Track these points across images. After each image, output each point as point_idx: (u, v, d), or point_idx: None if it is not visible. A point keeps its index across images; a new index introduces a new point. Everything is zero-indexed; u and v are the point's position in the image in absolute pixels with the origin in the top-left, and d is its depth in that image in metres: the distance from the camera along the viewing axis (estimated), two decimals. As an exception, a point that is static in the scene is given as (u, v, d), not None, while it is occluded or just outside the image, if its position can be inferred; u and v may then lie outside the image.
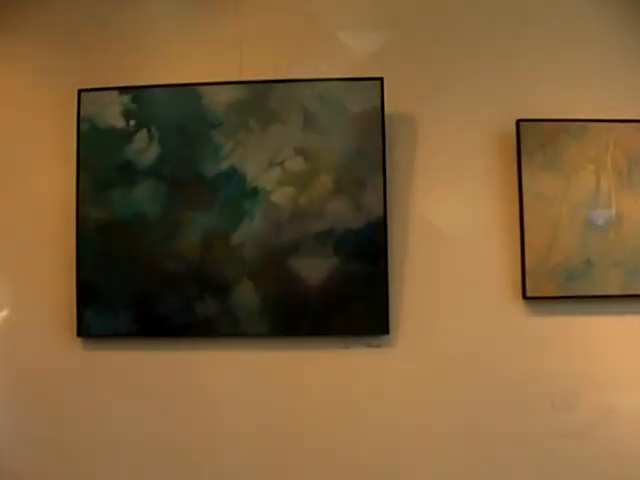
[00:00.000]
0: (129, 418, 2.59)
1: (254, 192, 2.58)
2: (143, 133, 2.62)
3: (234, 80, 2.64)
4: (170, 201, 2.60)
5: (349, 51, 2.67)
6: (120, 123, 2.64)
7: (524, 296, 2.53)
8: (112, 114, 2.64)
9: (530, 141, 2.55)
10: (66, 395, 2.63)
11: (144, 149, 2.62)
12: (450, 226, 2.60)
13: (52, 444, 2.62)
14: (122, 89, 2.65)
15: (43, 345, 2.65)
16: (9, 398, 2.65)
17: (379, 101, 2.57)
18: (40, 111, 2.75)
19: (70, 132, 2.68)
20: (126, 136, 2.63)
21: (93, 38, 2.74)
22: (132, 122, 2.63)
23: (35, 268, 2.68)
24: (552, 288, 2.52)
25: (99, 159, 2.64)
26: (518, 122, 2.58)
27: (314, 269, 2.53)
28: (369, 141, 2.56)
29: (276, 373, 2.57)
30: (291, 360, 2.57)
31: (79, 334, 2.61)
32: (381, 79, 2.58)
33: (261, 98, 2.60)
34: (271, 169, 2.58)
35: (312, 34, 2.69)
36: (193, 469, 2.55)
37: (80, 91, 2.66)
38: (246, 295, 2.55)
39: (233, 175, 2.59)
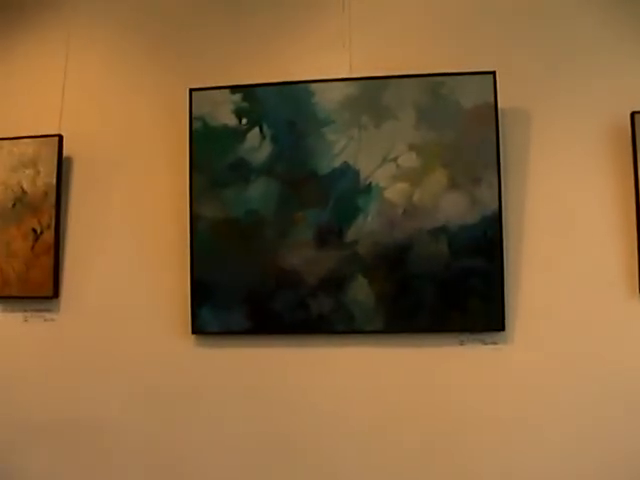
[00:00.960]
0: (241, 415, 2.64)
1: (368, 189, 2.60)
2: (255, 131, 2.67)
3: (344, 77, 2.65)
4: (283, 199, 2.64)
5: (460, 45, 2.66)
6: (232, 122, 2.69)
7: (644, 292, 2.52)
8: (224, 113, 2.70)
9: (647, 133, 2.53)
10: (180, 392, 2.68)
11: (257, 147, 2.66)
12: (565, 220, 2.59)
13: (164, 440, 2.68)
14: (233, 88, 2.70)
15: (158, 342, 2.70)
16: (124, 393, 2.71)
17: (492, 95, 2.57)
18: (153, 111, 2.82)
19: (182, 131, 2.72)
20: (239, 134, 2.68)
21: (203, 38, 2.77)
22: (244, 120, 2.68)
23: (151, 267, 2.75)
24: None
25: (212, 158, 2.69)
26: (633, 114, 2.56)
27: (429, 266, 2.55)
28: (483, 136, 2.56)
29: (391, 370, 2.59)
30: (406, 357, 2.59)
31: (194, 331, 2.66)
32: (493, 73, 2.57)
33: (373, 95, 2.63)
34: (385, 165, 2.60)
35: (423, 29, 2.69)
36: (309, 467, 2.59)
37: (192, 90, 2.71)
38: (361, 292, 2.58)
39: (346, 172, 2.62)
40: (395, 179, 2.60)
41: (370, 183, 2.61)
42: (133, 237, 2.79)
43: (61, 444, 2.76)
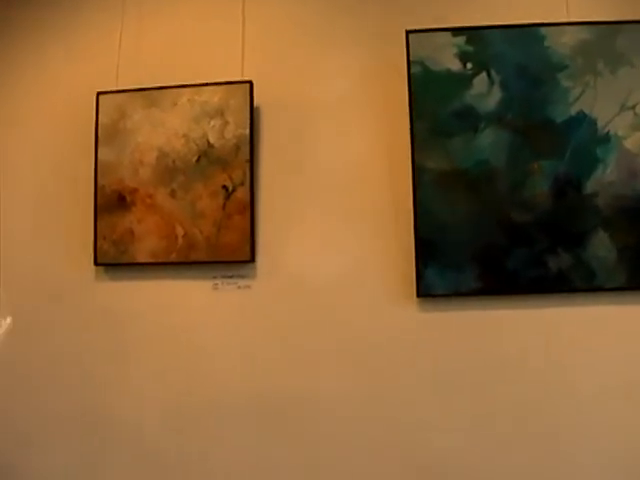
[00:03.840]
0: (472, 384, 2.55)
1: (606, 138, 2.58)
2: (482, 77, 2.60)
3: (576, 21, 2.61)
4: (516, 148, 2.58)
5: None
6: (456, 66, 2.62)
7: None
8: (446, 56, 2.62)
9: None
10: (402, 358, 2.59)
11: (485, 94, 2.60)
12: None
13: (386, 412, 2.58)
14: (455, 30, 2.62)
15: (376, 308, 2.61)
16: (338, 365, 2.60)
17: None
18: (357, 53, 2.74)
19: (394, 75, 2.63)
20: (464, 80, 2.61)
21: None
22: (469, 65, 2.61)
23: (362, 225, 2.67)
24: None
25: (434, 105, 2.61)
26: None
27: (672, 217, 2.53)
28: None
29: (635, 329, 2.55)
30: (650, 315, 2.56)
31: (419, 294, 2.57)
32: None
33: (608, 40, 2.60)
34: (622, 114, 2.58)
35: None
36: (547, 435, 2.52)
37: (408, 32, 2.62)
38: (601, 246, 2.55)
39: (583, 121, 2.58)
40: (634, 128, 2.57)
41: (608, 132, 2.58)
42: (338, 192, 2.68)
43: (267, 420, 2.62)
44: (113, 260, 2.75)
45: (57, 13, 2.99)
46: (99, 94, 2.82)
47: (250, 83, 2.71)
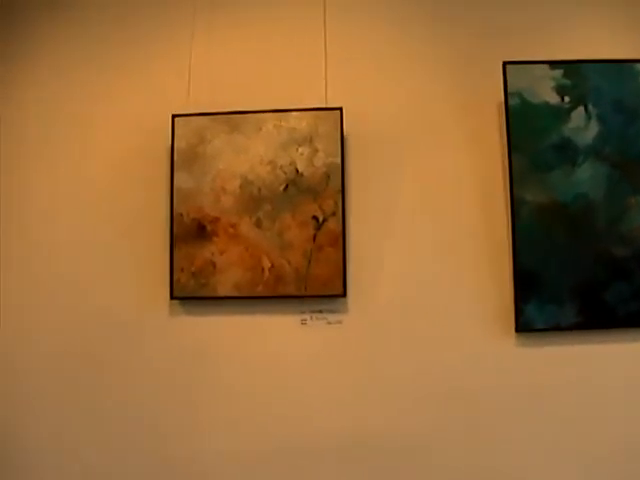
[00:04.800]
0: (576, 419, 2.55)
1: (703, 174, 2.63)
2: (580, 110, 2.63)
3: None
4: (613, 182, 2.62)
5: None
6: (553, 99, 2.63)
7: None
8: (544, 89, 2.63)
9: None
10: (501, 393, 2.56)
11: (582, 127, 2.62)
12: None
13: (487, 454, 2.54)
14: (553, 63, 2.64)
15: (472, 343, 2.59)
16: (436, 402, 2.56)
17: None
18: (448, 82, 2.72)
19: (488, 106, 2.64)
20: (562, 113, 2.64)
21: (518, 11, 2.70)
22: (567, 98, 2.63)
23: (456, 258, 2.65)
24: None
25: (533, 137, 2.62)
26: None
27: None
28: None
29: None
30: None
31: (518, 329, 2.56)
32: None
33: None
34: None
35: None
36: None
37: (505, 63, 2.63)
38: (699, 281, 2.59)
39: (681, 156, 2.63)
40: None
41: None
42: (430, 224, 2.65)
43: (357, 459, 2.54)
44: (192, 293, 2.63)
45: (127, 35, 2.85)
46: (174, 117, 2.68)
47: (340, 110, 2.64)
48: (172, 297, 2.64)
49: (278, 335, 2.63)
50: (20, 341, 2.73)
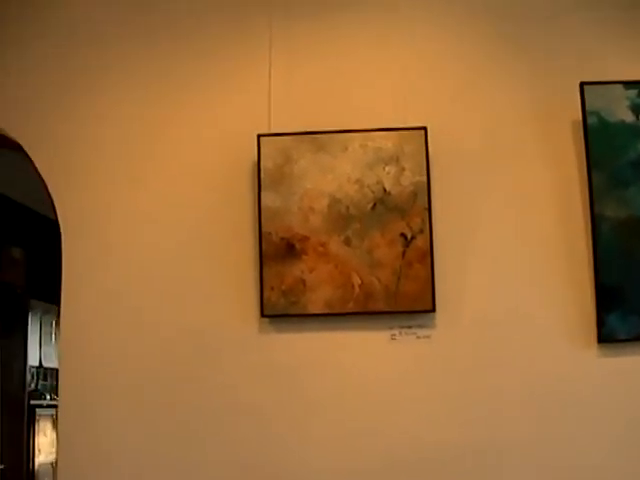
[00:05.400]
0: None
1: None
2: (653, 129, 2.75)
3: None
4: (689, 199, 2.73)
5: None
6: (629, 118, 2.75)
7: None
8: (620, 109, 2.75)
9: None
10: (587, 405, 2.67)
11: (657, 145, 2.75)
12: None
13: (562, 455, 2.65)
14: (627, 83, 2.77)
15: (562, 353, 2.69)
16: (527, 410, 2.65)
17: None
18: (527, 102, 2.80)
19: (565, 125, 2.75)
20: (638, 131, 2.75)
21: (592, 33, 2.82)
22: (641, 117, 2.75)
23: (540, 272, 2.74)
24: None
25: (611, 154, 2.73)
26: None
27: None
28: None
29: None
30: None
31: (600, 340, 2.68)
32: None
33: None
34: None
35: None
36: None
37: (583, 84, 2.74)
38: None
39: None
40: None
41: None
42: (512, 240, 2.76)
43: (449, 475, 2.63)
44: (282, 311, 2.68)
45: (203, 52, 2.90)
46: (260, 136, 2.73)
47: (425, 129, 2.72)
48: (262, 315, 2.68)
49: (368, 351, 2.71)
50: (108, 361, 2.75)
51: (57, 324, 6.41)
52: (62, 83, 2.96)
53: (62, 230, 2.88)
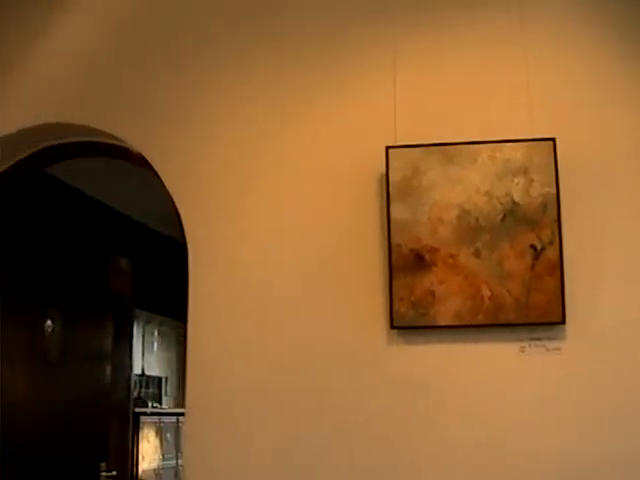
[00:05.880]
0: None
1: None
2: None
3: None
4: None
5: None
6: None
7: None
8: None
9: None
10: None
11: None
12: None
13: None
14: None
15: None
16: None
17: None
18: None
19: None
20: None
21: None
22: None
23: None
24: None
25: None
26: None
27: None
28: None
29: None
30: None
31: None
32: None
33: None
34: None
35: None
36: None
37: None
38: None
39: None
40: None
41: None
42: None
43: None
44: (412, 323, 2.71)
45: (326, 64, 2.98)
46: (388, 148, 2.77)
47: (553, 140, 2.72)
48: (392, 327, 2.71)
49: (497, 363, 2.72)
50: (236, 376, 2.82)
51: (159, 333, 6.59)
52: (189, 101, 3.05)
53: (188, 244, 2.95)
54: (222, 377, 2.85)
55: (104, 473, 4.41)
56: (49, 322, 4.31)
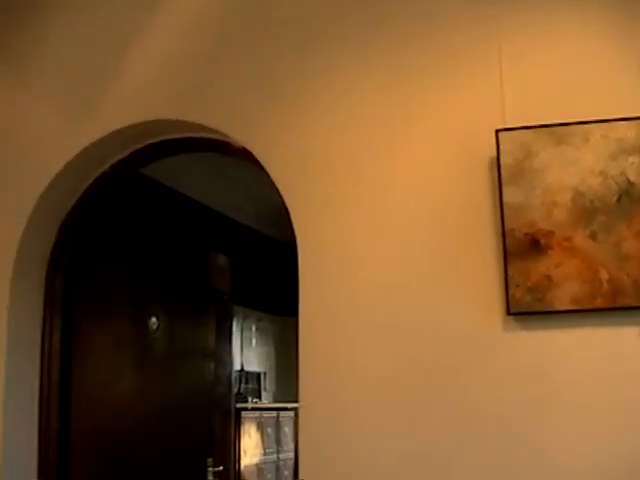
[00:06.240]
0: None
1: None
2: None
3: None
4: None
5: None
6: None
7: None
8: None
9: None
10: None
11: None
12: None
13: None
14: None
15: None
16: None
17: None
18: None
19: None
20: None
21: None
22: None
23: None
24: None
25: None
26: None
27: None
28: None
29: None
30: None
31: None
32: None
33: None
34: None
35: None
36: None
37: None
38: None
39: None
40: None
41: None
42: None
43: None
44: (528, 308, 2.68)
45: (434, 52, 2.98)
46: (498, 131, 2.74)
47: (667, 117, 2.65)
48: (508, 313, 2.68)
49: (616, 347, 2.66)
50: (350, 370, 2.84)
51: (257, 329, 6.68)
52: (292, 91, 3.10)
53: (297, 237, 2.98)
54: (335, 371, 2.86)
55: (210, 468, 4.48)
56: (154, 319, 4.39)
